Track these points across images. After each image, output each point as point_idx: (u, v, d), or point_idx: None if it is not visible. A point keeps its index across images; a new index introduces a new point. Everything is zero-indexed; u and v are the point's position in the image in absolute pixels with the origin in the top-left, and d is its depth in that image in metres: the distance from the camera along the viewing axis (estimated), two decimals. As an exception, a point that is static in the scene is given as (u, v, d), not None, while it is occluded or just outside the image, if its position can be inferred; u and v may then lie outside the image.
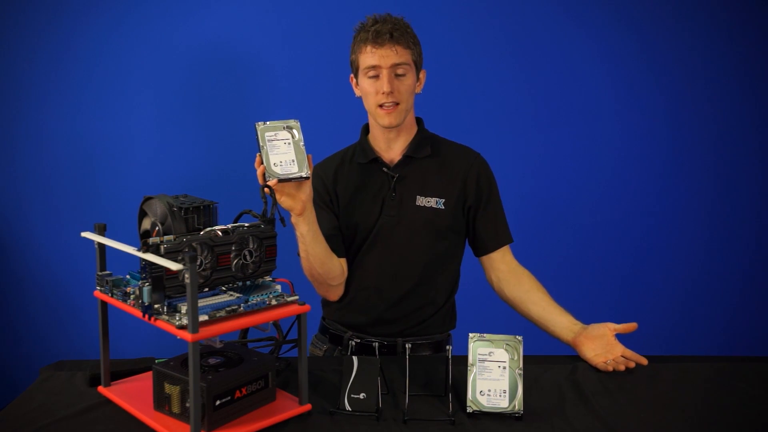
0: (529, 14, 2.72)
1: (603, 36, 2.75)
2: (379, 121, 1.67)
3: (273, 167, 1.39)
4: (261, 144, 1.39)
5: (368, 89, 1.66)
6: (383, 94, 1.63)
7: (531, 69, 2.75)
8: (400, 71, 1.63)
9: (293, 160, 1.40)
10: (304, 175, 1.41)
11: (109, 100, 2.65)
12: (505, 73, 2.74)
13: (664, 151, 2.82)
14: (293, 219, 1.51)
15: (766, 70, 2.79)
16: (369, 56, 1.63)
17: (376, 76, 1.64)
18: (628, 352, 1.56)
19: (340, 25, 2.60)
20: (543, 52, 2.74)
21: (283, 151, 1.40)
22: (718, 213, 2.86)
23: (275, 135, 1.41)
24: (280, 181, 1.39)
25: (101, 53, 2.63)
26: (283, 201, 1.45)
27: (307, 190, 1.47)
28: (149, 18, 2.62)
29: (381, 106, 1.65)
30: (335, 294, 1.74)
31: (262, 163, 1.39)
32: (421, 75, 1.73)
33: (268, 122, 1.41)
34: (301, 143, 1.42)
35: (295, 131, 1.42)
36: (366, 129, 1.79)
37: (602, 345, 1.56)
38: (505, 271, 1.76)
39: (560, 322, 1.64)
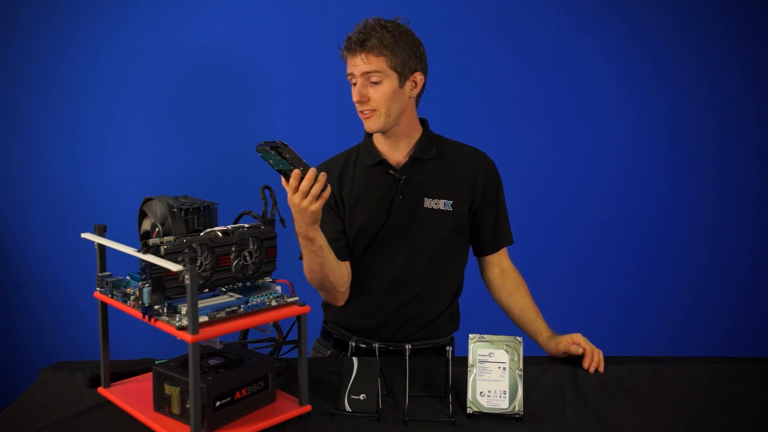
0: (533, 15, 2.72)
1: (607, 37, 2.74)
2: (364, 126, 1.68)
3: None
4: (290, 164, 1.35)
5: (352, 96, 1.66)
6: (359, 102, 1.63)
7: (533, 70, 2.75)
8: (373, 79, 1.61)
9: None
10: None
11: (108, 100, 2.65)
12: (508, 73, 2.74)
13: (664, 153, 2.82)
14: (312, 234, 1.48)
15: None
16: (347, 64, 1.65)
17: (354, 84, 1.64)
18: (584, 342, 1.60)
19: (339, 27, 2.60)
20: (546, 53, 2.74)
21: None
22: (718, 214, 2.86)
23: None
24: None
25: (101, 54, 2.63)
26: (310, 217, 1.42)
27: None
28: (149, 20, 2.62)
29: (362, 112, 1.65)
30: (343, 298, 1.72)
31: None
32: (416, 78, 1.67)
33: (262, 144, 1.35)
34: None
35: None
36: None
37: (565, 340, 1.62)
38: (497, 274, 1.80)
39: (534, 327, 1.70)
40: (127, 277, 1.29)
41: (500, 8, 2.71)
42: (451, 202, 1.70)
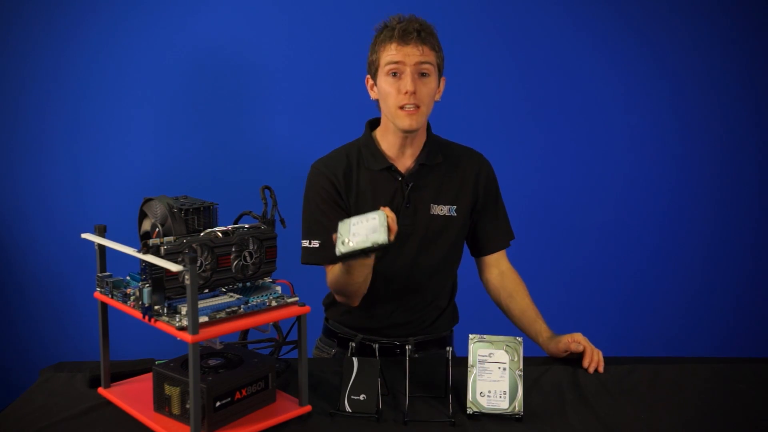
0: (532, 15, 2.72)
1: (607, 37, 2.74)
2: (398, 123, 1.58)
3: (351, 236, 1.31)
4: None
5: (388, 89, 1.57)
6: (405, 94, 1.54)
7: (533, 70, 2.75)
8: (424, 70, 1.56)
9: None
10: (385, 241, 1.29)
11: (108, 100, 2.65)
12: (508, 73, 2.74)
13: (663, 154, 2.82)
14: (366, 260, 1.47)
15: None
16: (392, 53, 1.55)
17: (398, 75, 1.56)
18: (585, 341, 1.58)
19: (339, 26, 2.61)
20: (546, 52, 2.74)
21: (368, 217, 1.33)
22: (718, 214, 2.86)
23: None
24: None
25: (101, 54, 2.63)
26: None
27: None
28: (149, 19, 2.62)
29: (402, 107, 1.57)
30: (359, 300, 1.69)
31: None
32: (442, 82, 1.66)
33: None
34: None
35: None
36: (371, 126, 1.73)
37: (566, 339, 1.61)
38: (496, 275, 1.80)
39: (534, 328, 1.69)
40: (127, 278, 1.29)
41: (499, 7, 2.71)
42: (455, 207, 1.70)
